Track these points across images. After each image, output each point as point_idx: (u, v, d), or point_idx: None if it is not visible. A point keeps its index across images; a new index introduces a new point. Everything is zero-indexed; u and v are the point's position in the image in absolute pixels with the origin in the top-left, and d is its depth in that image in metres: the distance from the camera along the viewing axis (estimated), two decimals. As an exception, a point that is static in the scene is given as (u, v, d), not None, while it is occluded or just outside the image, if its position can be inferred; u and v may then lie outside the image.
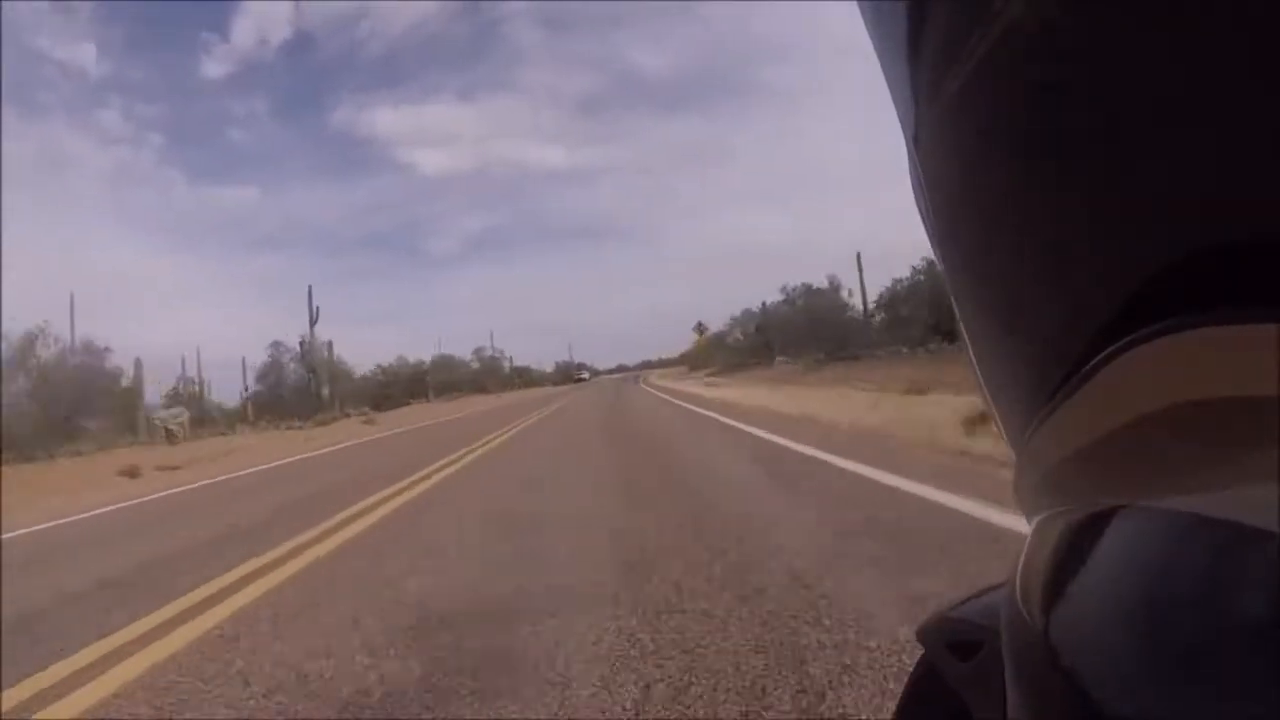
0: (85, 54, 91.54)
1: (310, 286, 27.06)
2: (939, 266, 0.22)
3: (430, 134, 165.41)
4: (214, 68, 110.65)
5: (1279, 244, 0.12)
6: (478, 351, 62.22)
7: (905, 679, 0.30)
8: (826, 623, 1.68)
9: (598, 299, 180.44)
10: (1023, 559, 0.18)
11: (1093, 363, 0.16)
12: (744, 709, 1.35)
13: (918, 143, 0.20)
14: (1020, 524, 0.19)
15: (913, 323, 24.08)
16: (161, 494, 6.56)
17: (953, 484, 2.94)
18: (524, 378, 67.94)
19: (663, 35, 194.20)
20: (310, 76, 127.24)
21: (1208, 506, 0.13)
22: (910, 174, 0.21)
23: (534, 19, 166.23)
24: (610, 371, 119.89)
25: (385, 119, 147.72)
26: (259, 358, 29.85)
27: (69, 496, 6.91)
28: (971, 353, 0.22)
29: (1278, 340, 0.12)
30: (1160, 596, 0.13)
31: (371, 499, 4.49)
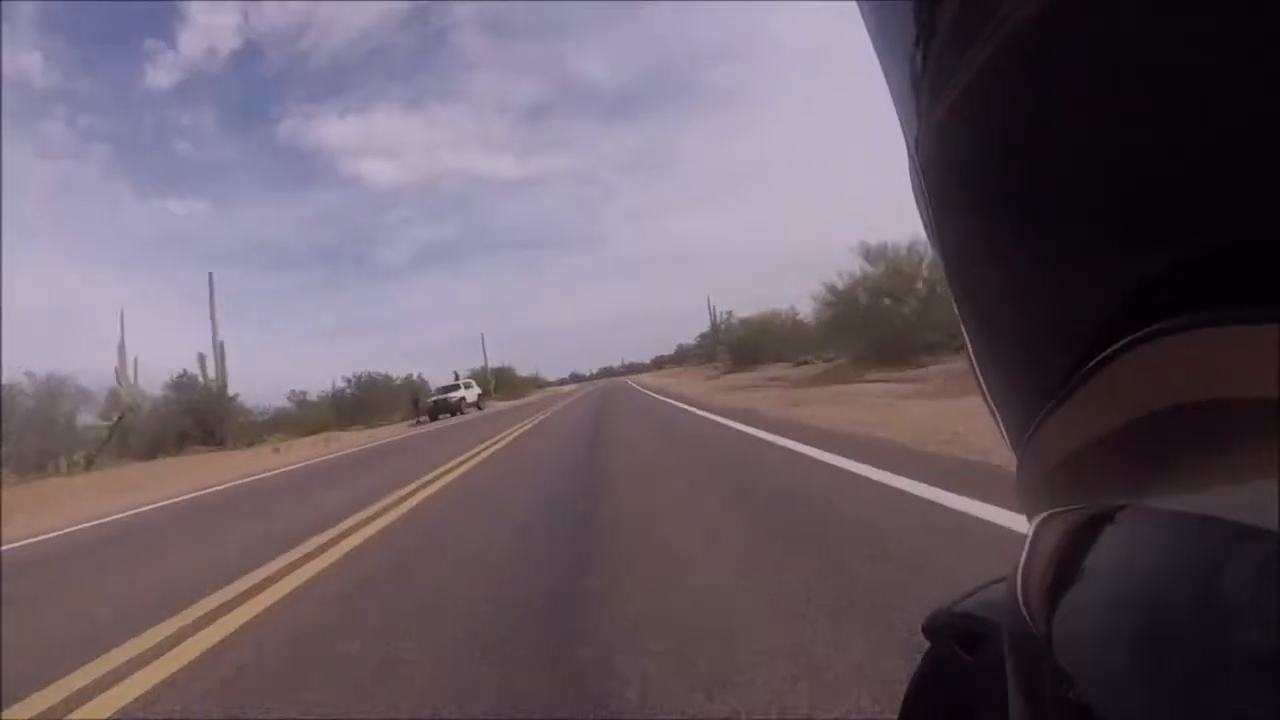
0: (31, 62, 77.87)
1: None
2: (940, 267, 0.21)
3: (378, 144, 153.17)
4: (161, 77, 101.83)
5: (1278, 244, 0.13)
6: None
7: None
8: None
9: (550, 307, 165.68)
10: (1023, 558, 0.18)
11: (1092, 363, 0.15)
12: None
13: (919, 144, 0.19)
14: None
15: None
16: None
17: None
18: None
19: (609, 42, 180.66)
20: (258, 87, 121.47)
21: (1208, 506, 0.13)
22: (910, 174, 0.21)
23: (480, 27, 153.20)
24: (562, 382, 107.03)
25: (332, 130, 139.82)
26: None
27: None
28: (972, 353, 0.21)
29: (1278, 340, 0.12)
30: (1160, 596, 0.13)
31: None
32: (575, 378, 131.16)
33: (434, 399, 27.04)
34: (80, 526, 6.09)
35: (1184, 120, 0.13)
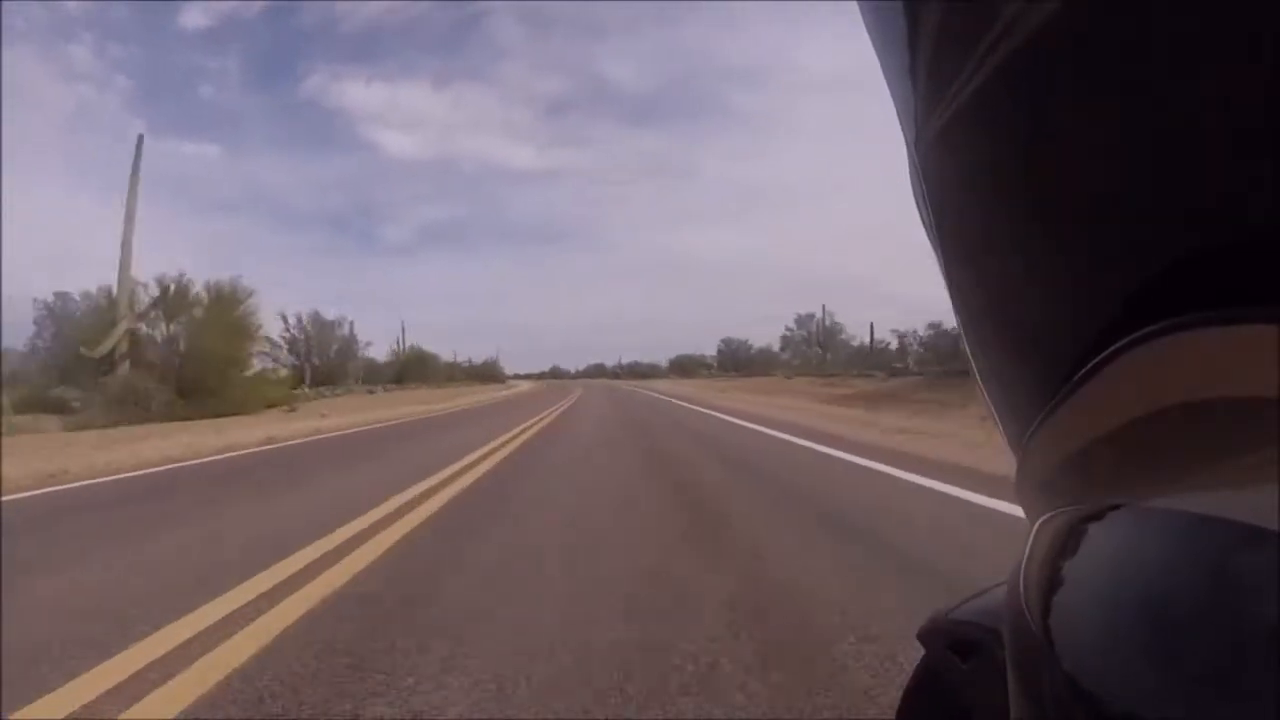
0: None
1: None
2: (938, 267, 0.21)
3: (399, 115, 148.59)
4: (194, 18, 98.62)
5: (1279, 244, 0.13)
6: None
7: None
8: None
9: (546, 301, 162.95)
10: (1023, 559, 0.18)
11: (1093, 363, 0.15)
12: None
13: (918, 144, 0.19)
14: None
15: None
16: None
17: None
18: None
19: (642, 49, 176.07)
20: (288, 40, 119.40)
21: (1208, 506, 0.13)
22: (910, 174, 0.21)
23: (517, 16, 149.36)
24: (530, 376, 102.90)
25: (357, 94, 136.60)
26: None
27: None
28: (971, 353, 0.21)
29: (1278, 340, 0.12)
30: (1160, 596, 0.13)
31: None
32: (556, 373, 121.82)
33: None
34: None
35: (1184, 121, 0.13)
